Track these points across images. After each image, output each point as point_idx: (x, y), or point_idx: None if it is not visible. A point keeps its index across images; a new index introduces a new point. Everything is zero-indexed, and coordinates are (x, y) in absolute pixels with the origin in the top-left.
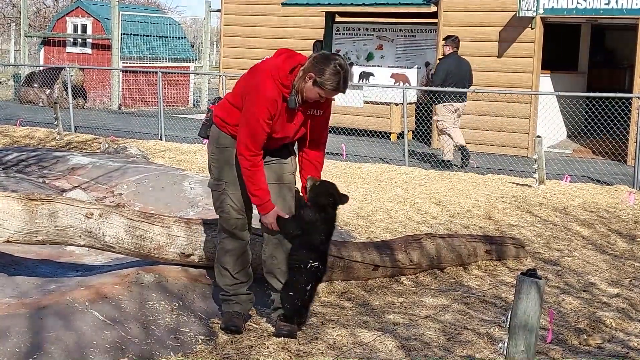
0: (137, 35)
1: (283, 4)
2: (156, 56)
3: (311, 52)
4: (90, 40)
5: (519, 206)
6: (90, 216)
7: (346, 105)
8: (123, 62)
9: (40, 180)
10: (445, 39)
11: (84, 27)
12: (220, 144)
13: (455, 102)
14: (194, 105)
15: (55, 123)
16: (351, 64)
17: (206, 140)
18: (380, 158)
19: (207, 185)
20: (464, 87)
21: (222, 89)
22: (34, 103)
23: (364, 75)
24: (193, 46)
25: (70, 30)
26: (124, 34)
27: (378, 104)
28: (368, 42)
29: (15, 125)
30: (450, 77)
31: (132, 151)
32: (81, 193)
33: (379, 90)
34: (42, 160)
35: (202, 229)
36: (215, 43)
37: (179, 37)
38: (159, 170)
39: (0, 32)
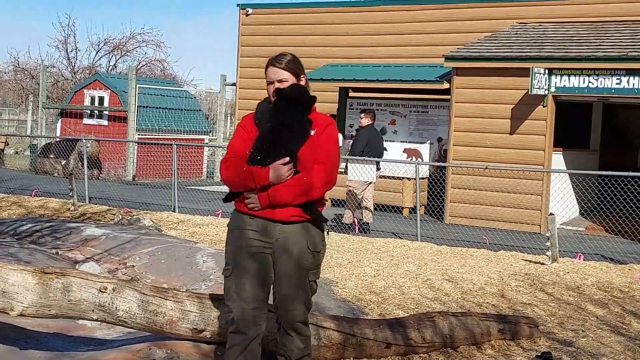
0: (153, 107)
1: None
2: (171, 128)
3: None
4: (106, 112)
5: (532, 284)
6: (104, 290)
7: (359, 179)
8: (138, 134)
9: (54, 251)
10: (362, 111)
11: (101, 99)
12: (230, 226)
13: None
14: (207, 177)
15: (70, 194)
16: None
17: (219, 212)
18: (392, 233)
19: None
20: (380, 156)
21: None
22: (49, 174)
23: None
24: (207, 118)
25: (87, 102)
26: (140, 106)
27: (390, 178)
28: (381, 117)
29: (31, 195)
30: (368, 146)
31: (145, 223)
32: (94, 265)
33: (391, 164)
34: (56, 231)
35: (214, 304)
36: (229, 115)
37: (194, 110)
38: (172, 243)
39: (19, 103)
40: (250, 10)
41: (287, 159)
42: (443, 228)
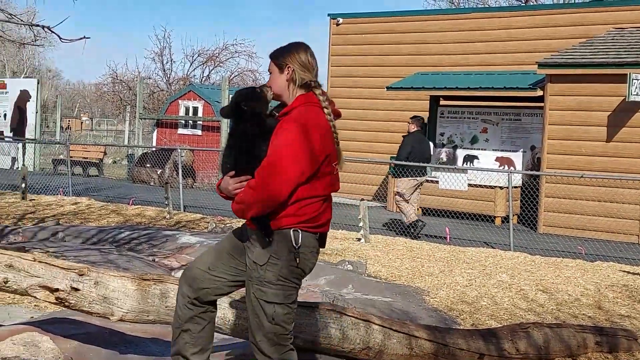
0: None
1: (388, 88)
2: None
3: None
4: (200, 122)
5: (630, 296)
6: None
7: (450, 188)
8: None
9: (150, 258)
10: (411, 118)
11: (195, 110)
12: None
13: (417, 176)
14: None
15: (166, 202)
16: (455, 147)
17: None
18: (484, 242)
19: None
20: (425, 162)
21: None
22: (146, 182)
23: (468, 159)
24: None
25: (182, 112)
26: None
27: (482, 187)
28: (472, 125)
29: (128, 204)
30: (413, 152)
31: None
32: None
33: (483, 173)
34: (153, 239)
35: (306, 311)
36: None
37: None
38: None
39: (117, 114)
40: (340, 20)
41: (232, 172)
42: (537, 238)
